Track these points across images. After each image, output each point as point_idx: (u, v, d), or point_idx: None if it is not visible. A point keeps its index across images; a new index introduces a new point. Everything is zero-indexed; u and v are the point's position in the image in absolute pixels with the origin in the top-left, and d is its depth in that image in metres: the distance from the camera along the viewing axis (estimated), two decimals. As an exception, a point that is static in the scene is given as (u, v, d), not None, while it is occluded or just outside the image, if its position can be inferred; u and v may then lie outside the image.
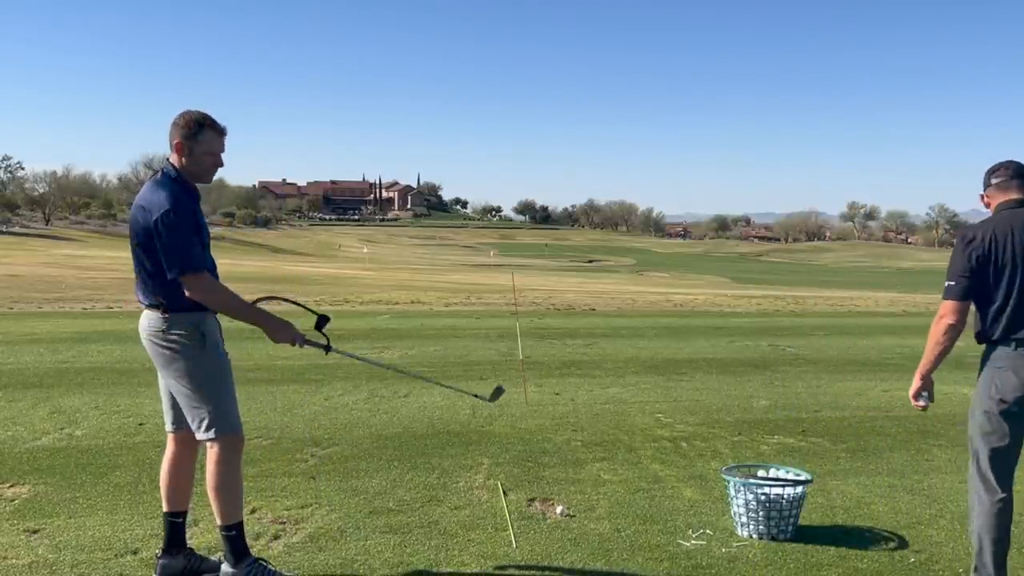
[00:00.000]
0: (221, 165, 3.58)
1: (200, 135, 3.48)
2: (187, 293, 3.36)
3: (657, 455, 5.80)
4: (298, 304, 3.96)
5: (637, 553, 4.00)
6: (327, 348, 3.68)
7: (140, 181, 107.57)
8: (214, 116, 3.54)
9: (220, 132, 3.54)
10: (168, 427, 3.66)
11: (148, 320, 3.46)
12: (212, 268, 3.52)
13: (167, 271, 3.34)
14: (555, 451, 5.87)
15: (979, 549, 3.48)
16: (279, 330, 3.51)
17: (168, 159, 3.53)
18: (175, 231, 3.32)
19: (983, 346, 3.54)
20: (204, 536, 4.06)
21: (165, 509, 3.65)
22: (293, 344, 3.52)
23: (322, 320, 3.70)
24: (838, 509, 4.74)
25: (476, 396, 4.45)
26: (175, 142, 3.47)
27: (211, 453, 3.48)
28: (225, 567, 3.53)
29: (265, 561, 3.61)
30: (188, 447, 3.66)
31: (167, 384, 3.53)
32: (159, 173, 3.50)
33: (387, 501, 4.67)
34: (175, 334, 3.41)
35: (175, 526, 3.63)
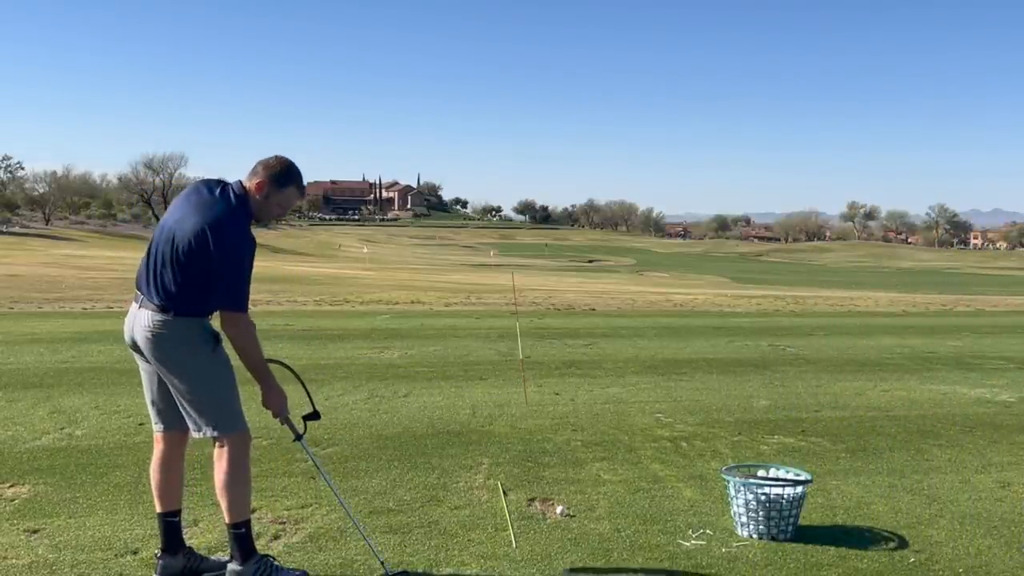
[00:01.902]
0: (283, 217, 3.62)
1: (285, 187, 3.52)
2: (223, 323, 3.40)
3: (657, 455, 5.81)
4: (305, 388, 3.89)
5: (637, 553, 4.00)
6: (298, 437, 3.71)
7: (140, 181, 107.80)
8: (301, 170, 3.57)
9: (301, 193, 3.61)
10: (156, 427, 3.65)
11: (150, 319, 3.40)
12: None
13: (217, 300, 3.37)
14: (555, 451, 5.87)
15: None
16: (276, 397, 3.56)
17: (241, 181, 3.51)
18: (243, 270, 3.37)
19: None
20: (204, 536, 4.06)
21: (159, 510, 3.64)
22: (275, 415, 3.60)
23: (314, 416, 3.77)
24: (838, 509, 4.74)
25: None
26: (258, 180, 3.48)
27: (220, 452, 3.48)
28: (233, 565, 3.52)
29: (272, 558, 3.61)
30: (177, 447, 3.66)
31: (168, 383, 3.50)
32: (227, 189, 3.47)
33: (387, 501, 4.67)
34: (186, 335, 3.40)
35: (171, 525, 3.63)
